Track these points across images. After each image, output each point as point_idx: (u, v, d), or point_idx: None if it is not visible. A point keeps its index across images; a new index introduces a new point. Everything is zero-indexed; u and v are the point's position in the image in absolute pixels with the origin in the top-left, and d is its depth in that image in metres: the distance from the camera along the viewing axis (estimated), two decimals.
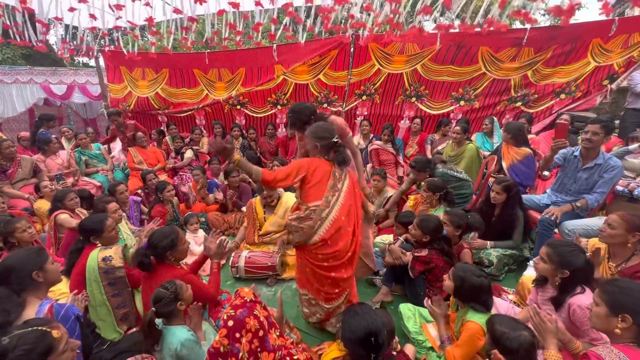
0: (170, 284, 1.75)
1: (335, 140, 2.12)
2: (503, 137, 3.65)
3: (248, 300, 1.55)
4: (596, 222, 2.63)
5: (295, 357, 1.58)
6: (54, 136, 4.82)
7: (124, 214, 3.36)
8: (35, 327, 1.23)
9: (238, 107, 6.12)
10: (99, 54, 6.41)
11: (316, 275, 2.11)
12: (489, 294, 1.84)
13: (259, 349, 1.47)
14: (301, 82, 5.63)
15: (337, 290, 2.12)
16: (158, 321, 1.77)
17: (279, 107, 5.98)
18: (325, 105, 5.71)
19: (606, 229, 2.00)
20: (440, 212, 3.15)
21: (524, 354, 1.35)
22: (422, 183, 3.40)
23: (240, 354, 1.43)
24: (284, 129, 6.06)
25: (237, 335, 1.44)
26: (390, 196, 3.74)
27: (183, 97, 6.36)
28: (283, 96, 5.86)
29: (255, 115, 6.11)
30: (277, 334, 1.60)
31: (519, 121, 4.27)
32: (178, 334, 1.68)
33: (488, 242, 2.87)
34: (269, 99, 5.95)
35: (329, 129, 2.17)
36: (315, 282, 2.14)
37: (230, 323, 1.45)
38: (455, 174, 3.47)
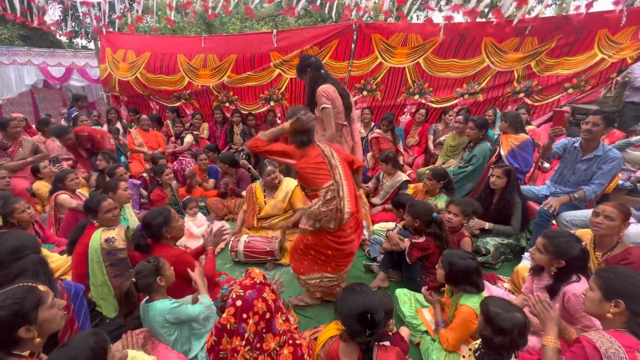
0: (154, 259, 1.80)
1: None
2: (501, 126, 3.66)
3: (258, 281, 1.56)
4: None
5: (297, 342, 1.61)
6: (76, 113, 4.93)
7: None
8: (22, 284, 1.31)
9: (227, 104, 5.84)
10: (97, 35, 6.29)
11: (329, 253, 2.19)
12: (478, 274, 1.88)
13: (264, 330, 1.50)
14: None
15: (350, 258, 2.30)
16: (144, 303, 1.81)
17: (272, 103, 5.71)
18: None
19: (604, 222, 2.00)
20: (440, 201, 3.18)
21: (517, 334, 1.38)
22: (427, 171, 3.43)
23: (247, 335, 1.45)
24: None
25: (244, 315, 1.46)
26: (402, 182, 3.71)
27: (162, 85, 6.00)
28: (277, 91, 5.60)
29: (246, 112, 5.82)
30: (283, 318, 1.63)
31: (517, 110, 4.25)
32: (160, 307, 1.73)
33: (487, 223, 2.90)
34: (261, 95, 5.68)
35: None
36: (323, 261, 2.23)
37: (239, 303, 1.47)
38: None
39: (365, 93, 5.39)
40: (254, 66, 5.49)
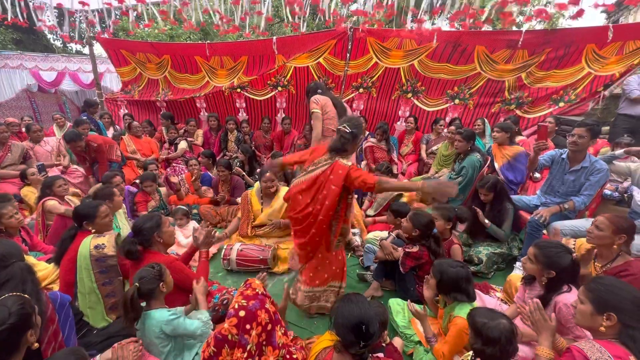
0: (156, 264, 1.78)
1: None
2: (499, 137, 3.63)
3: (260, 292, 1.53)
4: (583, 223, 2.69)
5: (294, 356, 1.58)
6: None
7: None
8: (8, 294, 1.30)
9: (238, 90, 6.06)
10: (93, 40, 6.28)
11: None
12: (468, 282, 1.88)
13: (264, 343, 1.47)
14: (301, 65, 5.57)
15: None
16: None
17: (279, 89, 5.93)
18: None
19: (594, 231, 2.04)
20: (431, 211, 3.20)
21: (505, 342, 1.38)
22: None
23: (249, 347, 1.42)
24: (282, 114, 6.07)
25: (248, 326, 1.43)
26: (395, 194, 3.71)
27: (185, 83, 6.33)
28: (283, 78, 5.81)
29: (255, 98, 6.05)
30: (282, 331, 1.61)
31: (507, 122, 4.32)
32: (158, 316, 1.69)
33: (486, 220, 2.95)
34: (269, 82, 5.91)
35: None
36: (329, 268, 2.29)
37: (242, 313, 1.43)
38: None
39: (361, 90, 5.55)
40: (262, 66, 5.79)
